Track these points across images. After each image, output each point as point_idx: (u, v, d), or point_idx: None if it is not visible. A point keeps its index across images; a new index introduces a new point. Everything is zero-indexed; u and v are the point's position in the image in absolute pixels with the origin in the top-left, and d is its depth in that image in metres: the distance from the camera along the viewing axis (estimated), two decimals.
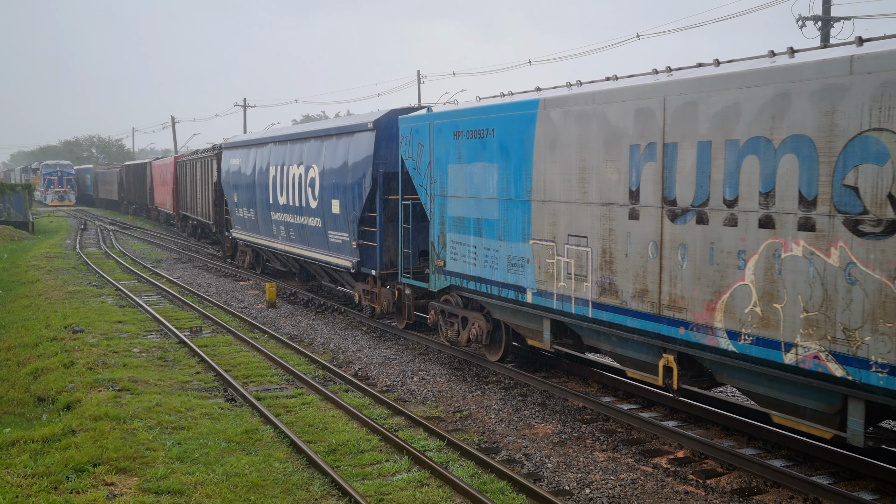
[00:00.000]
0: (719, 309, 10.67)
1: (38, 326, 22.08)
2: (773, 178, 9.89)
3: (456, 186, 16.17)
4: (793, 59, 9.84)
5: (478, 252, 15.63)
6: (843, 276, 9.19)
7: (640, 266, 11.86)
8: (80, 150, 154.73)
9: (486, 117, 15.22)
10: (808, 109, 9.48)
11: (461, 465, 11.27)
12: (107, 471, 11.05)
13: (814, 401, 10.02)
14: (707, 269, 10.79)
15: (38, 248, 44.05)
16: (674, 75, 11.51)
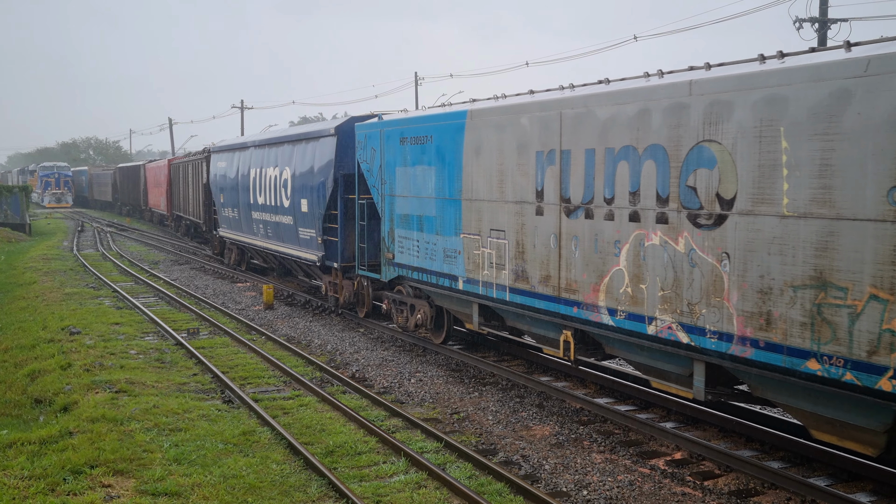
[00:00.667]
0: (602, 290, 12.58)
1: (36, 328, 22.06)
2: (638, 180, 11.77)
3: (402, 187, 18.10)
4: (660, 80, 11.71)
5: (420, 245, 17.59)
6: (686, 261, 11.08)
7: (545, 255, 13.78)
8: (78, 152, 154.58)
9: (425, 125, 17.21)
10: (661, 123, 11.31)
11: (459, 467, 11.27)
12: (104, 472, 11.03)
13: (674, 365, 11.83)
14: (593, 256, 12.71)
15: (35, 250, 44.02)
16: (575, 91, 13.41)
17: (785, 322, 9.75)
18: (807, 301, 9.53)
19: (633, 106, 11.82)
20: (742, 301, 10.26)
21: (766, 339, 10.02)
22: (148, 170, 61.93)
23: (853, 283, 9.05)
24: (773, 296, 9.87)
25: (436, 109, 17.56)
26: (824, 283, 9.34)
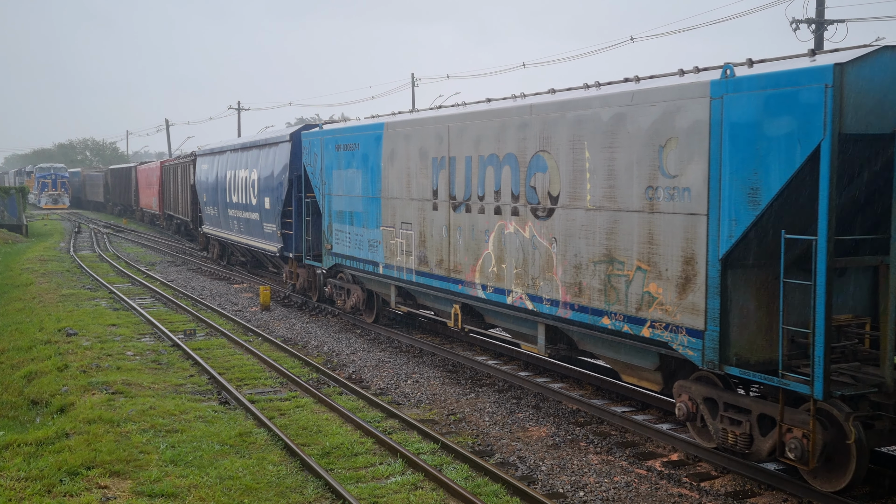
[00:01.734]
0: (478, 270, 15.59)
1: (32, 329, 22.04)
2: (500, 181, 14.75)
3: (337, 187, 21.16)
4: (514, 102, 14.78)
5: (351, 237, 20.59)
6: (531, 245, 14.01)
7: (439, 243, 16.80)
8: (74, 153, 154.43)
9: (354, 135, 20.21)
10: (514, 136, 14.31)
11: (455, 468, 11.27)
12: (100, 474, 11.03)
13: (526, 328, 14.91)
14: (471, 243, 15.70)
15: (32, 251, 43.98)
16: (459, 109, 16.42)
17: (589, 289, 12.73)
18: (602, 272, 12.49)
19: (496, 122, 14.81)
20: (564, 274, 13.25)
21: (579, 302, 12.96)
22: (139, 171, 63.74)
23: (627, 258, 11.97)
24: (582, 269, 12.87)
25: (363, 121, 20.93)
26: (612, 259, 12.29)
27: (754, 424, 10.60)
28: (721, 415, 11.05)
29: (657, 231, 11.44)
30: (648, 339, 11.69)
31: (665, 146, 11.27)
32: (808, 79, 9.51)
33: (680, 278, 11.11)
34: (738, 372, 10.44)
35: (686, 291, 11.04)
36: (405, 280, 18.18)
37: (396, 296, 19.23)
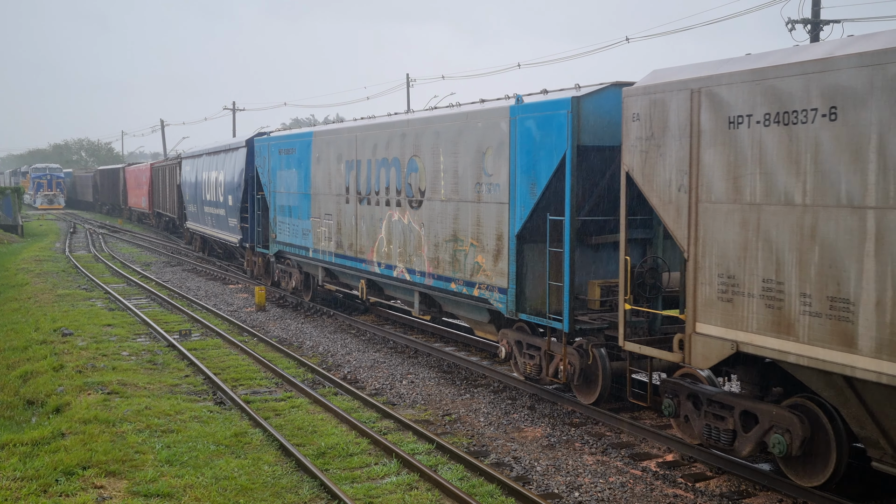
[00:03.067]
0: (375, 251, 19.40)
1: (28, 330, 22.03)
2: (389, 179, 18.61)
3: (280, 185, 25.25)
4: (400, 117, 18.56)
5: (290, 227, 24.46)
6: (408, 229, 17.76)
7: (350, 230, 20.62)
8: (70, 154, 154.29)
9: (292, 141, 24.38)
10: (398, 144, 18.18)
11: (450, 469, 11.29)
12: (96, 474, 11.03)
13: (408, 296, 18.78)
14: (371, 229, 19.52)
15: (27, 252, 43.92)
16: (365, 121, 20.34)
17: (443, 262, 16.55)
18: (450, 248, 16.33)
19: (387, 133, 18.74)
20: (429, 251, 17.06)
21: (437, 273, 16.80)
22: (127, 172, 67.55)
23: (465, 237, 15.84)
24: (439, 247, 16.67)
25: (298, 129, 25.87)
26: (456, 238, 16.13)
27: (543, 357, 14.40)
28: (524, 352, 14.90)
29: (482, 216, 15.38)
30: (478, 298, 15.56)
31: (486, 153, 15.21)
32: (558, 107, 13.44)
33: (494, 250, 15.00)
34: (526, 317, 14.45)
35: (498, 260, 14.93)
36: (328, 262, 22.14)
37: (324, 276, 23.17)
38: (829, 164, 8.93)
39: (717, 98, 10.29)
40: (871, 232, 8.53)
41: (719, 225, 10.31)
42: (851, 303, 8.75)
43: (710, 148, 10.40)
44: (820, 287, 9.08)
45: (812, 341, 9.18)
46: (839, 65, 8.83)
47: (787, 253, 9.46)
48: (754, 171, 9.82)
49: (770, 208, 9.63)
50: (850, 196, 8.72)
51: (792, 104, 9.35)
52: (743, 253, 10.00)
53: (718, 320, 10.37)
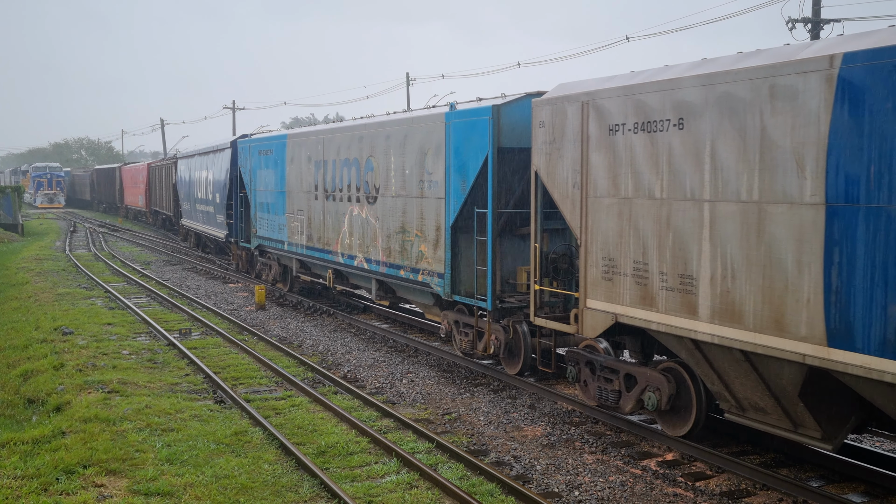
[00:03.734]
0: (339, 243, 21.38)
1: (28, 328, 22.04)
2: (350, 178, 20.56)
3: (260, 183, 27.28)
4: (360, 122, 20.69)
5: (269, 222, 26.51)
6: (366, 222, 19.77)
7: (319, 224, 22.62)
8: (70, 153, 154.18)
9: (270, 143, 26.34)
10: (357, 145, 20.22)
11: (450, 468, 11.30)
12: (97, 472, 11.04)
13: (367, 283, 20.77)
14: (336, 223, 21.51)
15: (27, 251, 43.93)
16: (332, 125, 22.56)
17: (394, 251, 18.45)
18: (400, 239, 18.18)
19: (349, 135, 20.70)
20: (382, 242, 18.99)
21: (390, 261, 18.69)
22: (123, 171, 69.90)
23: (411, 228, 17.70)
24: (391, 238, 18.54)
25: (276, 132, 27.95)
26: (404, 230, 18.01)
27: (475, 335, 16.40)
28: (461, 330, 16.86)
29: (424, 210, 17.28)
30: (422, 283, 17.43)
31: (427, 154, 17.11)
32: (481, 114, 15.49)
33: (434, 240, 16.94)
34: (460, 299, 16.42)
35: (437, 249, 16.90)
36: (301, 254, 24.09)
37: (298, 267, 25.23)
38: (679, 165, 10.69)
39: (601, 109, 12.02)
40: (707, 220, 10.33)
41: (602, 216, 12.11)
42: (694, 278, 10.54)
43: (596, 151, 12.14)
44: (673, 266, 10.85)
45: (668, 311, 10.94)
46: (684, 84, 10.59)
47: (650, 238, 11.22)
48: (627, 171, 11.58)
49: (638, 201, 11.41)
50: (692, 191, 10.51)
51: (653, 115, 11.07)
52: (619, 239, 11.80)
53: (602, 296, 12.19)
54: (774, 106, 9.46)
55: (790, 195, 9.30)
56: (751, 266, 9.77)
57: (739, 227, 9.88)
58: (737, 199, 9.91)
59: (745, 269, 9.84)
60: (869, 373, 8.60)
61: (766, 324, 9.62)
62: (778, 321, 9.48)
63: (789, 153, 9.30)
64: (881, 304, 8.46)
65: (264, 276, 28.24)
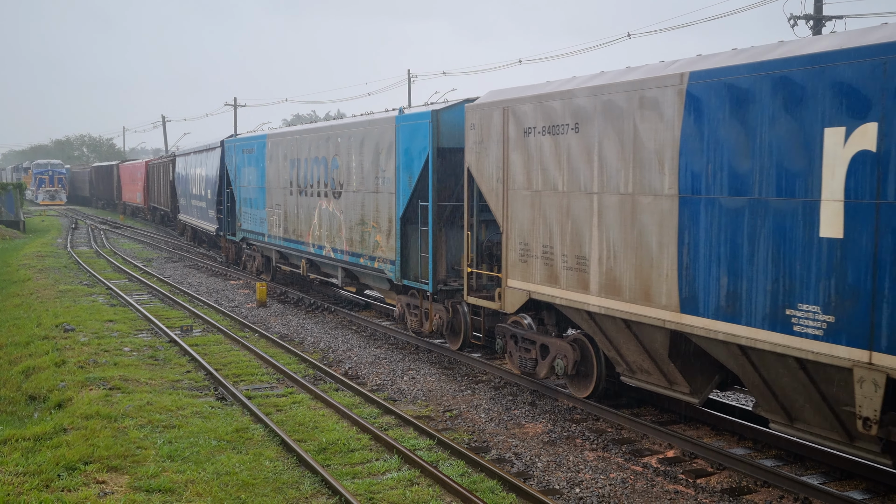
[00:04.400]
0: (310, 234, 23.29)
1: (30, 325, 22.05)
2: (319, 174, 22.51)
3: (243, 180, 29.32)
4: (326, 124, 23.03)
5: (251, 216, 28.46)
6: (332, 215, 21.62)
7: (294, 217, 24.51)
8: (71, 150, 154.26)
9: (253, 142, 28.26)
10: (324, 145, 22.15)
11: (451, 464, 11.30)
12: (98, 469, 11.05)
13: (334, 271, 22.50)
14: (308, 216, 23.39)
15: (29, 247, 43.95)
16: (305, 126, 24.47)
17: (356, 241, 20.38)
18: (360, 231, 20.14)
19: (318, 136, 22.73)
20: (346, 233, 20.93)
21: (352, 250, 20.62)
22: (122, 168, 72.19)
23: (369, 220, 19.56)
24: (352, 229, 20.53)
25: (257, 132, 29.38)
26: (364, 222, 19.89)
27: (423, 314, 18.22)
28: (412, 312, 18.65)
29: (379, 203, 19.16)
30: (378, 269, 19.30)
31: (381, 153, 18.98)
32: (423, 118, 17.24)
33: (387, 230, 18.75)
34: (408, 282, 18.22)
35: (389, 238, 18.68)
36: (279, 245, 26.02)
37: (277, 258, 27.18)
38: (575, 162, 12.55)
39: (518, 114, 13.88)
40: (596, 210, 12.18)
41: (519, 207, 13.95)
42: (586, 259, 12.44)
43: (514, 150, 14.02)
44: (572, 249, 12.76)
45: (568, 287, 12.86)
46: (579, 94, 12.39)
47: (555, 226, 13.11)
48: (538, 168, 13.42)
49: (546, 194, 13.28)
50: (585, 185, 12.38)
51: (557, 120, 12.92)
52: (532, 227, 13.66)
53: (519, 276, 14.09)
54: (643, 114, 11.27)
55: (654, 188, 11.17)
56: (627, 248, 11.67)
57: (619, 215, 11.77)
58: (617, 191, 11.79)
59: (623, 251, 11.75)
60: (708, 333, 10.46)
61: (639, 295, 11.50)
62: (647, 293, 11.37)
63: (654, 153, 11.12)
64: (716, 277, 10.32)
65: (249, 266, 30.42)
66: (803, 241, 9.32)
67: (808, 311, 9.30)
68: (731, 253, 10.12)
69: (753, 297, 9.89)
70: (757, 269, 9.82)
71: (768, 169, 9.66)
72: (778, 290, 9.60)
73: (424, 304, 18.10)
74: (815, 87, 9.15)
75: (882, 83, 8.50)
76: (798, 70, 9.36)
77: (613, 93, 11.77)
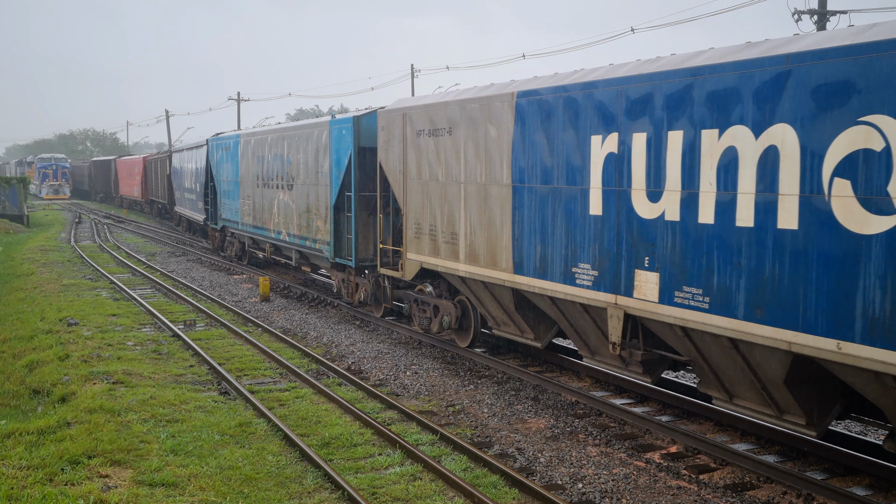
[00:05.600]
0: (272, 222, 26.62)
1: (34, 319, 22.08)
2: (278, 169, 25.74)
3: (223, 174, 32.66)
4: (282, 125, 26.42)
5: (228, 207, 32.01)
6: (287, 205, 24.90)
7: (260, 207, 27.85)
8: (75, 144, 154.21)
9: (229, 140, 31.74)
10: (282, 144, 25.30)
11: (454, 459, 11.31)
12: (101, 463, 11.07)
13: (291, 253, 25.76)
14: (270, 206, 26.69)
15: (33, 242, 44.01)
16: (268, 129, 27.41)
17: (304, 227, 23.65)
18: (307, 217, 23.44)
19: (277, 136, 26.07)
20: (297, 220, 24.27)
21: (301, 235, 23.86)
22: (118, 163, 76.36)
23: (312, 209, 23.02)
24: (301, 216, 23.95)
25: (234, 132, 32.27)
26: (309, 210, 23.18)
27: (352, 287, 21.76)
28: (345, 285, 22.21)
29: (319, 194, 22.65)
30: (319, 250, 22.85)
31: (320, 151, 22.51)
32: (347, 122, 20.78)
33: (324, 217, 22.19)
34: (339, 260, 21.70)
35: (326, 223, 22.12)
36: (250, 232, 29.44)
37: (249, 243, 30.92)
38: (450, 158, 15.95)
39: (412, 119, 17.27)
40: (462, 196, 15.56)
41: (414, 194, 17.33)
42: (457, 235, 15.79)
43: (410, 148, 17.37)
44: (448, 227, 16.10)
45: (446, 258, 16.24)
46: (451, 106, 15.82)
47: (437, 209, 16.46)
48: (425, 162, 16.83)
49: (431, 183, 16.67)
50: (456, 176, 15.75)
51: (438, 125, 16.31)
52: (422, 210, 17.02)
53: (415, 250, 17.48)
54: (491, 122, 14.65)
55: (497, 179, 14.53)
56: (482, 225, 15.03)
57: (477, 200, 15.13)
58: (475, 181, 15.16)
59: (479, 228, 15.12)
60: (531, 288, 13.80)
61: (490, 262, 14.91)
62: (494, 260, 14.78)
63: (497, 152, 14.50)
64: (534, 245, 13.66)
65: (229, 251, 34.07)
66: (581, 217, 12.61)
67: (584, 269, 12.61)
68: (541, 228, 13.46)
69: (556, 259, 13.18)
70: (556, 239, 13.17)
71: (561, 165, 12.92)
72: (568, 254, 12.91)
73: (351, 278, 21.75)
74: (586, 106, 12.33)
75: (621, 105, 11.65)
76: (577, 93, 12.51)
77: (473, 105, 15.11)
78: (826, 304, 9.04)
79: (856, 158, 8.67)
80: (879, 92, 8.42)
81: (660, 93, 11.01)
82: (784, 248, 9.46)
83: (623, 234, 11.68)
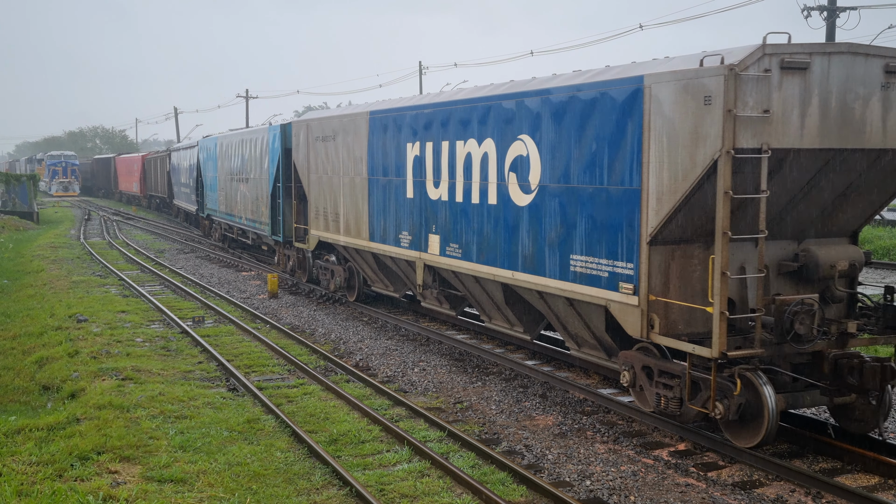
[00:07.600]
0: (237, 209, 32.67)
1: (43, 316, 22.16)
2: (239, 166, 32.13)
3: (207, 170, 38.36)
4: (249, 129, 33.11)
5: (210, 198, 37.86)
6: (245, 195, 31.39)
7: (232, 198, 33.35)
8: (85, 141, 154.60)
9: (212, 141, 37.15)
10: (240, 145, 31.99)
11: (462, 456, 11.32)
12: (111, 459, 11.11)
13: (253, 236, 32.18)
14: (236, 196, 32.63)
15: (42, 238, 44.14)
16: (234, 132, 34.19)
17: (253, 212, 29.99)
18: (257, 204, 29.41)
19: (238, 139, 31.92)
20: (251, 207, 30.13)
21: (253, 219, 30.18)
22: (118, 161, 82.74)
23: (259, 198, 29.21)
24: (252, 203, 30.02)
25: (216, 134, 38.14)
26: (258, 199, 29.32)
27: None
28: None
29: (263, 186, 28.12)
30: (263, 230, 28.50)
31: (264, 152, 27.69)
32: (277, 129, 26.59)
33: (266, 204, 27.70)
34: (274, 238, 27.56)
35: (267, 209, 27.74)
36: (225, 219, 34.97)
37: (225, 228, 36.43)
38: (334, 158, 21.19)
39: (312, 128, 22.57)
40: (341, 186, 20.83)
41: (316, 185, 22.44)
42: (339, 215, 21.01)
43: (312, 150, 22.57)
44: (334, 209, 21.38)
45: (334, 232, 21.43)
46: (334, 118, 21.13)
47: (328, 195, 21.69)
48: (323, 161, 21.93)
49: (325, 176, 21.81)
50: (343, 171, 20.69)
51: (328, 133, 21.50)
52: (320, 196, 22.22)
53: (315, 228, 22.81)
54: (356, 132, 19.81)
55: (360, 173, 19.71)
56: (353, 207, 20.24)
57: (349, 188, 20.32)
58: (349, 175, 20.32)
59: (351, 209, 20.32)
60: (380, 251, 19.12)
61: (356, 233, 20.13)
62: (360, 231, 19.89)
63: (359, 154, 19.66)
64: (380, 220, 18.82)
65: (215, 236, 39.76)
66: (403, 200, 17.79)
67: (405, 235, 17.80)
68: (384, 208, 18.62)
69: (389, 229, 18.46)
70: (390, 215, 18.41)
71: (392, 163, 18.21)
72: (397, 225, 18.08)
73: (282, 250, 27.77)
74: (402, 124, 17.68)
75: (420, 123, 16.94)
76: (398, 114, 17.84)
77: (346, 119, 20.32)
78: (508, 248, 14.24)
79: (517, 160, 13.88)
80: (524, 121, 13.64)
81: (436, 118, 16.41)
82: (491, 216, 14.70)
83: (423, 210, 17.04)
